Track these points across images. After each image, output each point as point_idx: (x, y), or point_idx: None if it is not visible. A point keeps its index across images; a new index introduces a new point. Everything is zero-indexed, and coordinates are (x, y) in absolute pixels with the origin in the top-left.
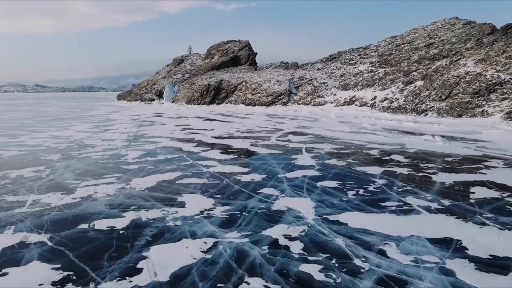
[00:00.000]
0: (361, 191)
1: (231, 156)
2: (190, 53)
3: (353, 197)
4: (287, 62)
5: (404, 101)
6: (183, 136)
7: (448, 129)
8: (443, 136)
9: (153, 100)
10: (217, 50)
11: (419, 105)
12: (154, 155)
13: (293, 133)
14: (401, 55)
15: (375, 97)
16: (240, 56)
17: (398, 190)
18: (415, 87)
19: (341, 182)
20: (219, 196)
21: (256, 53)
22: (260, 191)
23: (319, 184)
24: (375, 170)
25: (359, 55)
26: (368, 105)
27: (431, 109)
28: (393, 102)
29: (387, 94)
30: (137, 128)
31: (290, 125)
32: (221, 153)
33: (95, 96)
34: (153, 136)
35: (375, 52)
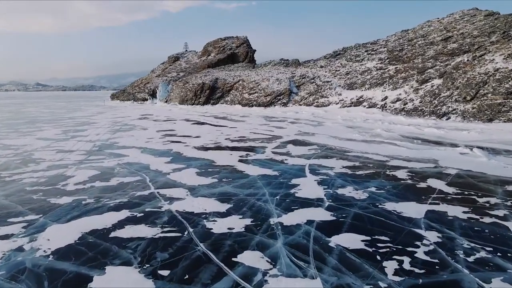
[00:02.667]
0: (406, 263)
1: (209, 180)
2: (186, 50)
3: (397, 278)
4: (288, 59)
5: (420, 102)
6: (160, 146)
7: (482, 137)
8: (482, 148)
9: (146, 100)
10: (214, 47)
11: (439, 107)
12: (108, 177)
13: (294, 142)
14: (414, 51)
15: (386, 97)
16: (238, 53)
17: (468, 259)
18: (432, 86)
19: (369, 238)
20: (166, 272)
21: (255, 50)
22: (238, 258)
23: (333, 241)
24: (414, 209)
25: (366, 51)
26: (378, 106)
27: (454, 111)
28: (407, 103)
29: (400, 94)
30: (111, 135)
31: (290, 130)
32: (198, 174)
33: (93, 95)
34: (124, 146)
35: (384, 47)
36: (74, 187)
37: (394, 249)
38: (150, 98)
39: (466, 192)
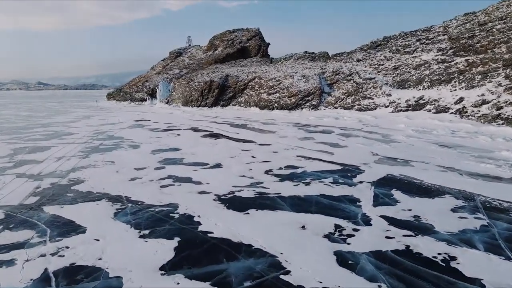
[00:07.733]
0: None
1: None
2: (190, 45)
3: None
4: (313, 52)
5: None
6: (154, 196)
7: None
8: None
9: (144, 100)
10: (221, 40)
11: None
12: None
13: (394, 184)
14: (491, 38)
15: (461, 99)
16: (249, 47)
17: None
18: None
19: None
20: None
21: (269, 43)
22: None
23: None
24: None
25: (418, 40)
26: (452, 111)
27: None
28: (502, 107)
29: (483, 94)
30: (79, 160)
31: (358, 152)
32: None
33: (91, 94)
34: (89, 191)
35: (444, 35)
36: None
37: None
38: (149, 98)
39: None
